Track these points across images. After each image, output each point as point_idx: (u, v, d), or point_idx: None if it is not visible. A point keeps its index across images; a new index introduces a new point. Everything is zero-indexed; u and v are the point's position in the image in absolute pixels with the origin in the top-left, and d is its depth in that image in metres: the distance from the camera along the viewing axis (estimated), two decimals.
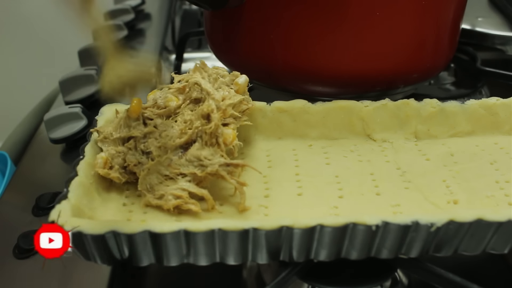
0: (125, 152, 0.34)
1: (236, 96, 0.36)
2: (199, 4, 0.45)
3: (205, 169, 0.32)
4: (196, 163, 0.33)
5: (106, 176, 0.33)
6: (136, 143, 0.34)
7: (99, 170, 0.33)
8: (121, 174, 0.34)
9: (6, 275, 0.35)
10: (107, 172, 0.33)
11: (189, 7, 0.91)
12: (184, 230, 0.28)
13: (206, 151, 0.33)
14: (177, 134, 0.34)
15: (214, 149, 0.33)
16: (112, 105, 0.39)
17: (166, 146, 0.33)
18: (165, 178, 0.33)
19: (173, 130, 0.34)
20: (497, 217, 0.29)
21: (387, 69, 0.45)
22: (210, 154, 0.33)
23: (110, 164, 0.34)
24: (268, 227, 0.28)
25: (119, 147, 0.34)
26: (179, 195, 0.32)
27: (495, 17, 0.64)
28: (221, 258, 0.30)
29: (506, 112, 0.41)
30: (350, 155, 0.39)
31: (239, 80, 0.38)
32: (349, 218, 0.28)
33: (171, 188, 0.32)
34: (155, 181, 0.33)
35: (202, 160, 0.33)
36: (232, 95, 0.36)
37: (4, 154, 0.49)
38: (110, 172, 0.33)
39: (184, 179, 0.33)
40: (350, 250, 0.30)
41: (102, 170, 0.33)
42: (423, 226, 0.28)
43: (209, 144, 0.33)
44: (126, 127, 0.35)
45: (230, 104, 0.35)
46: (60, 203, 0.29)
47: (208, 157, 0.33)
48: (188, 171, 0.33)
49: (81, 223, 0.28)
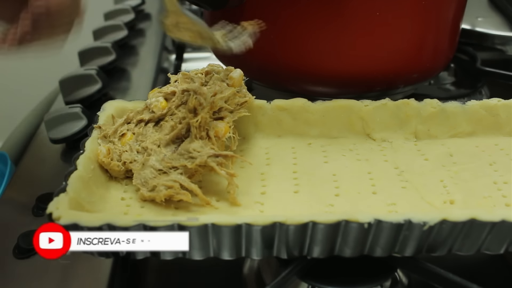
0: (122, 150, 0.35)
1: (227, 89, 0.37)
2: (199, 4, 0.45)
3: (194, 160, 0.33)
4: (186, 156, 0.33)
5: (107, 165, 0.34)
6: (130, 146, 0.35)
7: (102, 158, 0.34)
8: (119, 167, 0.35)
9: (6, 275, 0.35)
10: (108, 161, 0.34)
11: (189, 7, 0.91)
12: (178, 224, 0.28)
13: (196, 143, 0.33)
14: (166, 130, 0.35)
15: (204, 142, 0.34)
16: (113, 102, 0.39)
17: (160, 142, 0.34)
18: (159, 173, 0.33)
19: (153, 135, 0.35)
20: (490, 217, 0.28)
21: (387, 69, 0.45)
22: (200, 146, 0.33)
23: (111, 156, 0.35)
24: (261, 223, 0.28)
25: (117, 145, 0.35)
26: (170, 185, 0.32)
27: (495, 17, 0.64)
28: (215, 253, 0.30)
29: (507, 113, 0.40)
30: (348, 154, 0.39)
31: (233, 74, 0.38)
32: (342, 216, 0.28)
33: (163, 179, 0.33)
34: (149, 176, 0.33)
35: (192, 152, 0.33)
36: (224, 89, 0.37)
37: (4, 154, 0.49)
38: (111, 162, 0.34)
39: (176, 172, 0.33)
40: (343, 247, 0.30)
41: (104, 159, 0.34)
42: (416, 224, 0.28)
43: (199, 137, 0.34)
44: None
45: (220, 97, 0.36)
46: (58, 196, 0.30)
47: (197, 149, 0.33)
48: (179, 164, 0.33)
49: (78, 215, 0.28)
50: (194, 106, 0.34)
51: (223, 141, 0.35)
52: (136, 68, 0.63)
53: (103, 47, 0.60)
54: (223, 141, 0.35)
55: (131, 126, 0.37)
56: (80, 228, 0.28)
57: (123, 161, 0.34)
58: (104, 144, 0.35)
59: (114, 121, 0.37)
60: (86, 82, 0.54)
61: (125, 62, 0.63)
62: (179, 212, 0.32)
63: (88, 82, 0.54)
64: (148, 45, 0.69)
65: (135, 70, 0.63)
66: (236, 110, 0.37)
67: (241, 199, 0.33)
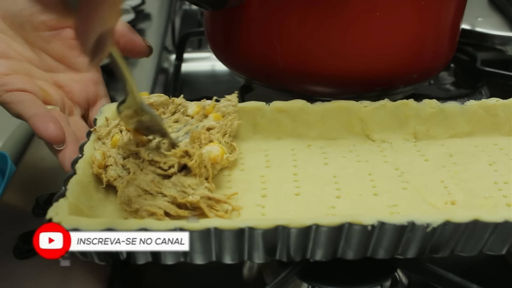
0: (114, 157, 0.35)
1: (202, 125, 0.37)
2: (199, 4, 0.45)
3: (186, 196, 0.32)
4: (179, 188, 0.32)
5: (99, 175, 0.34)
6: (115, 159, 0.35)
7: (97, 168, 0.34)
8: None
9: (6, 275, 0.34)
10: (101, 171, 0.34)
11: (189, 7, 0.91)
12: (181, 228, 0.28)
13: (192, 179, 0.33)
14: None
15: (201, 180, 0.33)
16: (111, 105, 0.40)
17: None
18: (144, 192, 0.32)
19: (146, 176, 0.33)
20: (493, 218, 0.29)
21: (386, 69, 0.45)
22: (195, 184, 0.32)
23: (106, 161, 0.34)
24: (263, 226, 0.28)
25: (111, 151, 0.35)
26: (154, 212, 0.31)
27: (495, 17, 0.64)
28: (217, 257, 0.30)
29: (506, 113, 0.41)
30: (348, 155, 0.39)
31: (191, 109, 0.38)
32: (345, 218, 0.28)
33: (147, 203, 0.32)
34: (134, 193, 0.32)
35: (186, 188, 0.32)
36: (200, 128, 0.36)
37: (4, 154, 0.49)
38: (102, 173, 0.34)
39: (163, 198, 0.32)
40: (346, 250, 0.30)
41: (95, 169, 0.34)
42: (419, 226, 0.28)
43: (198, 173, 0.33)
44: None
45: (202, 137, 0.35)
46: (58, 201, 0.29)
47: (192, 186, 0.32)
48: (169, 193, 0.32)
49: (78, 221, 0.28)
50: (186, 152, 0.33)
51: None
52: (136, 68, 0.63)
53: None
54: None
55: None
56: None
57: (108, 178, 0.34)
58: (98, 148, 0.35)
59: (108, 123, 0.37)
60: None
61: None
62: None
63: None
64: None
65: (135, 70, 0.62)
66: (224, 125, 0.37)
67: (242, 202, 0.33)
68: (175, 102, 0.39)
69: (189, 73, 0.71)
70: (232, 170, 0.37)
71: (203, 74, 0.73)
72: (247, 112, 0.40)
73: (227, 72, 0.63)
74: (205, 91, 0.57)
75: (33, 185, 0.43)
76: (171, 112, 0.39)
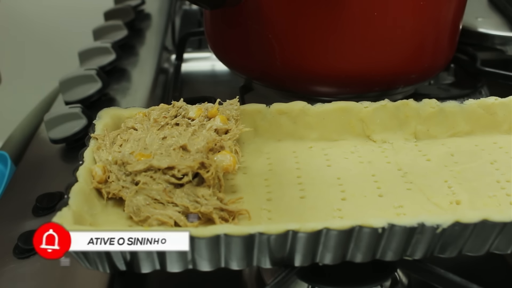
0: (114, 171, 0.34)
1: (210, 126, 0.37)
2: (198, 4, 0.45)
3: (198, 207, 0.31)
4: (192, 198, 0.32)
5: (99, 189, 0.33)
6: (116, 175, 0.33)
7: (97, 184, 0.33)
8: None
9: (6, 275, 0.34)
10: (101, 186, 0.33)
11: (189, 7, 0.91)
12: (191, 236, 0.28)
13: (206, 190, 0.32)
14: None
15: (214, 191, 0.32)
16: (109, 109, 0.39)
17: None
18: (154, 201, 0.32)
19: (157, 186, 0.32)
20: (502, 218, 0.28)
21: (386, 69, 0.45)
22: (209, 195, 0.32)
23: (107, 175, 0.33)
24: (274, 231, 0.28)
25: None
26: (165, 222, 0.31)
27: (495, 17, 0.64)
28: (226, 264, 0.29)
29: (504, 112, 0.41)
30: (350, 156, 0.39)
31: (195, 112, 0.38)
32: (355, 221, 0.28)
33: (158, 212, 0.31)
34: (142, 202, 0.31)
35: (199, 198, 0.32)
36: (207, 129, 0.36)
37: (4, 154, 0.49)
38: (102, 187, 0.33)
39: (174, 208, 0.31)
40: (355, 253, 0.29)
41: (95, 183, 0.33)
42: (428, 227, 0.28)
43: (212, 184, 0.32)
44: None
45: (207, 146, 0.34)
46: (61, 210, 0.29)
47: (206, 197, 0.32)
48: (181, 203, 0.31)
49: (83, 230, 0.28)
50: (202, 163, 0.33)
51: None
52: (136, 68, 0.63)
53: (103, 47, 0.60)
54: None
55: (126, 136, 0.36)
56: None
57: (112, 192, 0.33)
58: (98, 159, 0.34)
59: (106, 133, 0.37)
60: (86, 82, 0.54)
61: (125, 62, 0.63)
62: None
63: (88, 82, 0.53)
64: (148, 45, 0.69)
65: (135, 70, 0.62)
66: (233, 132, 0.37)
67: (247, 207, 0.33)
68: (176, 106, 0.39)
69: (189, 73, 0.71)
70: (234, 173, 0.37)
71: (203, 74, 0.73)
72: (247, 115, 0.40)
73: (227, 72, 0.64)
74: (205, 91, 0.56)
75: (33, 185, 0.43)
76: (172, 116, 0.39)
